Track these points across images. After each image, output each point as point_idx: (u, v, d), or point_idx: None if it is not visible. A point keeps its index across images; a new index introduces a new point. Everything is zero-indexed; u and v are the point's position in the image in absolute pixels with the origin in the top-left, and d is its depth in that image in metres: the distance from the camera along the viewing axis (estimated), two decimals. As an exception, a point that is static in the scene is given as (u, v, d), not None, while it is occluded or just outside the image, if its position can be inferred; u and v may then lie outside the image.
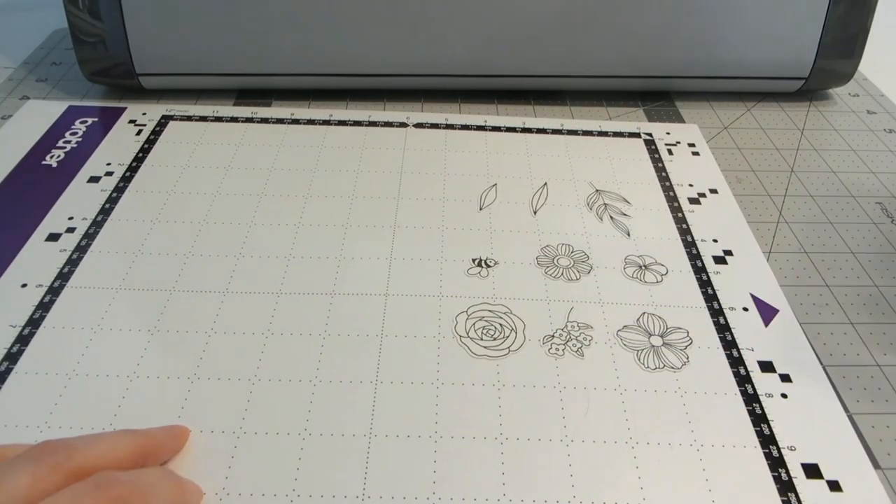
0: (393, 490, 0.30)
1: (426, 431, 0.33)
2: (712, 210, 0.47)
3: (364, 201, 0.47)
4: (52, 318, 0.38)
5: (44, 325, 0.37)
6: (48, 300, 0.39)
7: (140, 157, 0.50)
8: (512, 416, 0.33)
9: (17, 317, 0.38)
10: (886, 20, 0.63)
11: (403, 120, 0.55)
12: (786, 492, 0.31)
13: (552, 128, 0.55)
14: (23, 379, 0.35)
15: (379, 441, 0.32)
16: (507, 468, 0.31)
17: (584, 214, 0.46)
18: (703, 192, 0.49)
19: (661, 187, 0.49)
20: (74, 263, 0.41)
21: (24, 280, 0.40)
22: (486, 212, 0.46)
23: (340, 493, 0.30)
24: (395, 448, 0.32)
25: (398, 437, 0.32)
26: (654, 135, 0.55)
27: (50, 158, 0.50)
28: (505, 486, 0.31)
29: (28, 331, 0.37)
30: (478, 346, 0.37)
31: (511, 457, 0.32)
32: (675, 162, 0.52)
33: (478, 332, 0.37)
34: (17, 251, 0.42)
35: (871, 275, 0.44)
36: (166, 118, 0.54)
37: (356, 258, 0.42)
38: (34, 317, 0.38)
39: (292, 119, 0.55)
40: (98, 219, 0.45)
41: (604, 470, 0.32)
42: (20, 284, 0.40)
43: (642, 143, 0.54)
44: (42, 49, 0.65)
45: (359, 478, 0.31)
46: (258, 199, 0.46)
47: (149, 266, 0.41)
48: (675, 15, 0.54)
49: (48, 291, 0.39)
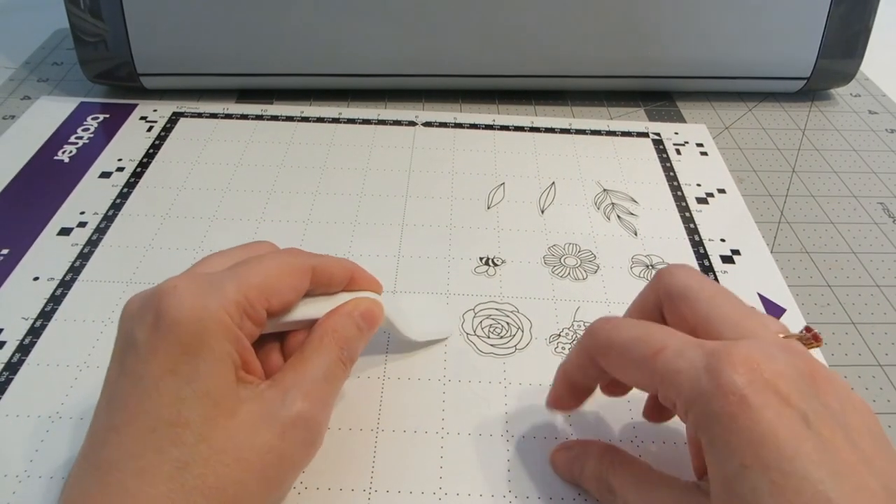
0: (399, 484, 0.30)
1: (433, 427, 0.33)
2: (720, 210, 0.47)
3: (372, 199, 0.46)
4: (63, 310, 0.38)
5: (55, 318, 0.37)
6: (60, 293, 0.39)
7: (151, 154, 0.50)
8: (518, 413, 0.33)
9: (28, 309, 0.38)
10: (888, 20, 0.63)
11: (412, 118, 0.55)
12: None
13: (560, 127, 0.55)
14: (34, 370, 0.35)
15: (386, 436, 0.32)
16: (512, 465, 0.31)
17: (591, 214, 0.46)
18: (711, 192, 0.49)
19: (668, 187, 0.49)
20: (86, 258, 0.41)
21: (35, 273, 0.40)
22: (494, 210, 0.46)
23: (348, 486, 0.30)
24: (401, 443, 0.32)
25: (405, 431, 0.32)
26: (662, 134, 0.55)
27: (62, 154, 0.50)
28: (511, 482, 0.31)
29: (40, 323, 0.37)
30: (485, 343, 0.37)
31: (516, 454, 0.32)
32: (684, 162, 0.52)
33: (485, 329, 0.37)
34: (29, 245, 0.42)
35: (872, 275, 0.43)
36: (177, 115, 0.54)
37: (364, 255, 0.42)
38: (45, 309, 0.38)
39: (301, 116, 0.54)
40: (109, 213, 0.44)
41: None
42: (32, 278, 0.40)
43: (650, 143, 0.54)
44: (43, 49, 0.65)
45: (366, 472, 0.31)
46: (268, 195, 0.46)
47: (159, 261, 0.41)
48: (677, 15, 0.54)
49: (59, 285, 0.39)
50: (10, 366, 0.35)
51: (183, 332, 0.24)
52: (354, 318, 0.30)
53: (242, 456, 0.24)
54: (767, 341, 0.24)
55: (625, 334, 0.26)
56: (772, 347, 0.24)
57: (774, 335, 0.25)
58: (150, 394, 0.24)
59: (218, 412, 0.25)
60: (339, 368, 0.29)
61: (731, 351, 0.23)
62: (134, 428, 0.24)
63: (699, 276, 0.28)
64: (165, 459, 0.23)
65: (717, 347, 0.24)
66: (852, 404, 0.23)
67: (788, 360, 0.23)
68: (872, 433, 0.23)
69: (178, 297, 0.25)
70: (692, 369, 0.24)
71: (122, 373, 0.25)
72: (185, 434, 0.24)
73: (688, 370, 0.24)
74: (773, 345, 0.24)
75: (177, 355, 0.24)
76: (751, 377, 0.22)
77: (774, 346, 0.24)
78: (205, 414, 0.24)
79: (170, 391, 0.24)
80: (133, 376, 0.25)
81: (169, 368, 0.24)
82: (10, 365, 0.35)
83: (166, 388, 0.24)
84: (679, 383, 0.24)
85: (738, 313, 0.26)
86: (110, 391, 0.25)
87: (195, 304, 0.25)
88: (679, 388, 0.24)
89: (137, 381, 0.24)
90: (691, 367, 0.24)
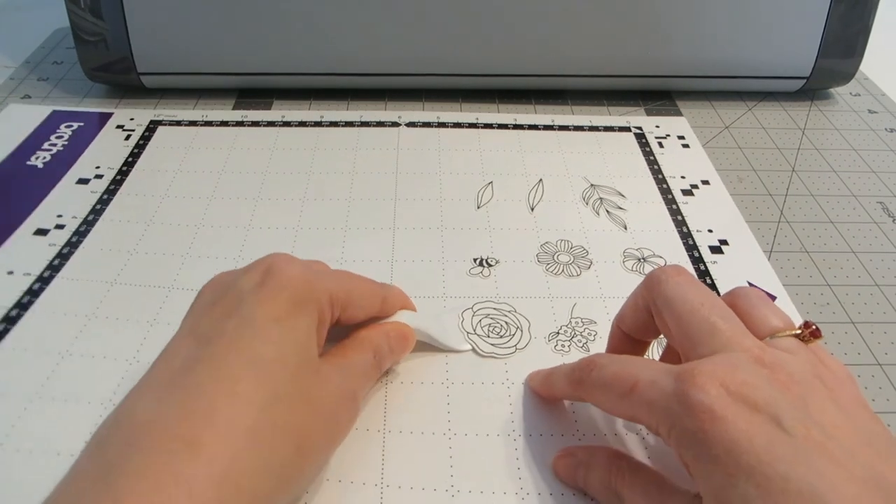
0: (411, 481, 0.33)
1: (440, 429, 0.35)
2: (705, 201, 0.51)
3: (361, 203, 0.49)
4: (41, 303, 0.41)
5: (32, 310, 0.40)
6: (37, 287, 0.42)
7: (130, 162, 0.53)
8: (522, 412, 0.36)
9: (3, 300, 0.41)
10: (888, 19, 0.66)
11: (395, 119, 0.58)
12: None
13: (543, 123, 0.59)
14: (9, 355, 0.38)
15: (393, 436, 0.35)
16: (521, 463, 0.34)
17: (580, 209, 0.50)
18: (696, 184, 0.52)
19: (654, 180, 0.53)
20: (65, 257, 0.44)
21: (10, 268, 0.43)
22: (484, 210, 0.49)
23: (359, 480, 0.33)
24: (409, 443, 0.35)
25: (412, 433, 0.35)
26: (643, 128, 0.59)
27: (35, 159, 0.52)
28: (521, 479, 0.33)
29: (16, 312, 0.40)
30: (485, 343, 0.39)
31: (525, 452, 0.34)
32: (666, 154, 0.56)
33: (484, 329, 0.40)
34: (1, 242, 0.45)
35: (872, 274, 0.46)
36: (155, 123, 0.57)
37: (358, 261, 0.45)
38: (22, 301, 0.41)
39: (283, 121, 0.58)
40: (90, 218, 0.47)
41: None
42: (6, 272, 0.43)
43: (633, 137, 0.57)
44: (43, 48, 0.68)
45: (376, 468, 0.33)
46: (255, 202, 0.49)
47: (147, 263, 0.44)
48: (677, 14, 0.57)
49: (37, 280, 0.42)
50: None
51: (294, 291, 0.30)
52: (389, 337, 0.35)
53: (319, 406, 0.29)
54: (733, 355, 0.28)
55: (606, 373, 0.30)
56: (736, 360, 0.27)
57: (750, 344, 0.28)
58: (255, 332, 0.28)
59: (308, 362, 0.30)
60: (373, 370, 0.34)
61: (694, 372, 0.27)
62: (233, 357, 0.28)
63: (685, 287, 0.31)
64: (260, 391, 0.27)
65: (684, 370, 0.27)
66: (827, 392, 0.27)
67: (753, 370, 0.27)
68: (852, 420, 0.26)
69: (291, 265, 0.31)
70: (663, 398, 0.27)
71: (219, 313, 0.30)
72: (281, 372, 0.28)
73: (659, 399, 0.27)
74: (738, 357, 0.27)
75: (284, 307, 0.29)
76: (716, 392, 0.26)
77: (740, 358, 0.27)
78: (299, 359, 0.29)
79: (273, 334, 0.29)
80: (237, 316, 0.29)
81: (275, 317, 0.29)
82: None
83: (271, 331, 0.29)
84: (655, 413, 0.27)
85: (714, 327, 0.29)
86: (200, 327, 0.29)
87: (305, 275, 0.31)
88: (657, 417, 0.27)
89: (243, 320, 0.29)
90: (662, 395, 0.27)
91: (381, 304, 0.35)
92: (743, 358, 0.27)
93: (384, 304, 0.35)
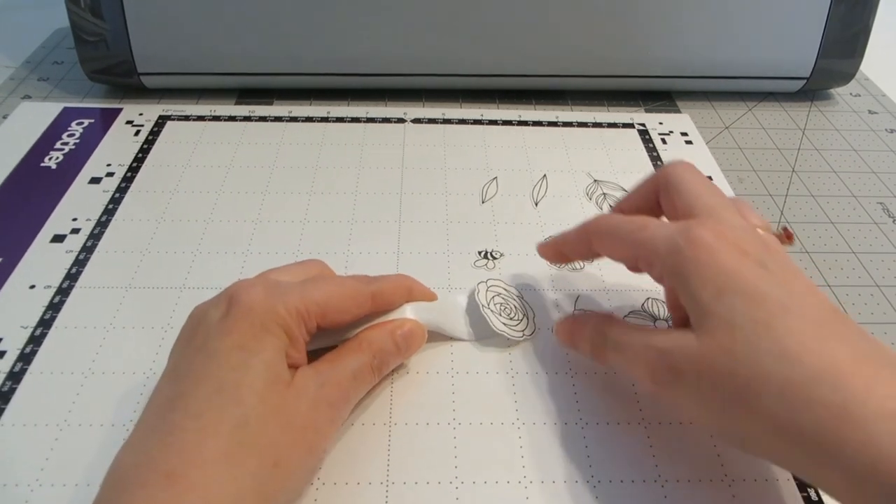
0: (416, 476, 0.34)
1: (444, 419, 0.36)
2: None
3: (367, 197, 0.51)
4: (62, 318, 0.41)
5: (55, 326, 0.41)
6: (58, 301, 0.42)
7: (140, 158, 0.54)
8: (526, 401, 0.37)
9: (27, 318, 0.41)
10: (888, 20, 0.67)
11: (401, 116, 0.59)
12: (805, 487, 0.35)
13: (548, 120, 0.60)
14: (38, 379, 0.38)
15: (399, 430, 0.36)
16: (525, 451, 0.35)
17: (584, 204, 0.51)
18: None
19: None
20: (82, 264, 0.45)
21: (32, 282, 0.43)
22: (489, 205, 0.50)
23: (365, 480, 0.34)
24: (414, 436, 0.36)
25: (417, 424, 0.36)
26: (647, 125, 0.60)
27: (49, 160, 0.53)
28: (525, 468, 0.34)
29: (40, 331, 0.40)
30: (498, 320, 0.40)
31: (528, 441, 0.36)
32: (670, 151, 0.57)
33: (497, 306, 0.41)
34: (22, 253, 0.45)
35: (872, 275, 0.47)
36: (163, 118, 0.58)
37: (364, 253, 0.46)
38: (45, 317, 0.41)
39: (290, 117, 0.59)
40: (102, 219, 0.48)
41: (618, 451, 0.35)
42: (28, 286, 0.43)
43: (636, 134, 0.59)
44: (43, 48, 0.69)
45: (382, 465, 0.34)
46: (262, 196, 0.50)
47: (157, 264, 0.45)
48: (677, 15, 0.58)
49: (57, 292, 0.43)
50: (13, 375, 0.38)
51: (255, 317, 0.31)
52: (395, 336, 0.37)
53: (290, 420, 0.30)
54: (732, 220, 0.32)
55: (615, 219, 0.35)
56: (734, 223, 0.32)
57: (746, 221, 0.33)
58: (219, 362, 0.30)
59: (276, 380, 0.31)
60: (367, 372, 0.35)
61: (701, 220, 0.32)
62: (200, 390, 0.29)
63: (693, 173, 0.35)
64: (226, 418, 0.28)
65: (688, 221, 0.32)
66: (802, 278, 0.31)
67: (749, 231, 0.32)
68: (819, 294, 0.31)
69: (252, 291, 0.32)
70: (668, 235, 0.32)
71: (191, 350, 0.31)
72: (248, 395, 0.29)
73: (664, 236, 0.32)
74: (735, 221, 0.32)
75: (247, 334, 0.31)
76: (715, 234, 0.31)
77: (737, 222, 0.32)
78: (266, 379, 0.30)
79: (237, 360, 0.30)
80: (204, 351, 0.30)
81: (238, 344, 0.30)
82: (12, 374, 0.38)
83: (234, 358, 0.30)
84: (657, 246, 0.32)
85: (718, 205, 0.33)
86: (177, 366, 0.31)
87: (266, 299, 0.32)
88: (657, 250, 0.32)
89: (208, 354, 0.30)
90: (668, 233, 0.32)
91: (372, 301, 0.36)
92: (739, 223, 0.32)
93: (376, 300, 0.36)
